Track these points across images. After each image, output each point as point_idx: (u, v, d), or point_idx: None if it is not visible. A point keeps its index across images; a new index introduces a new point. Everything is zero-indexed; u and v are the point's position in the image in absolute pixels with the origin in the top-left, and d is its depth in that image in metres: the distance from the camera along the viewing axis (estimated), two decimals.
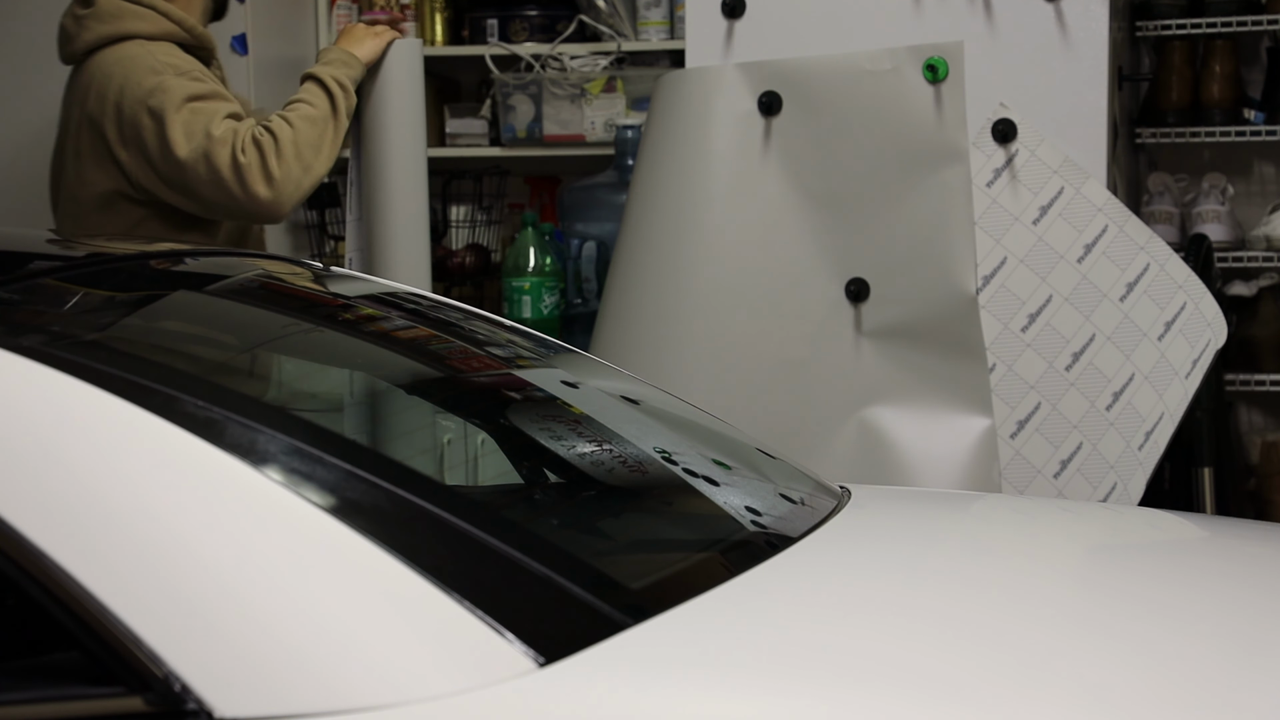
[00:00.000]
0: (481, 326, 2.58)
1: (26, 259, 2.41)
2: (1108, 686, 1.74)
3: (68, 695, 1.67)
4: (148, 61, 3.35)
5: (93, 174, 3.41)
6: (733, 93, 3.66)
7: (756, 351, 3.64)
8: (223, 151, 3.29)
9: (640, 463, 2.32)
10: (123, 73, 3.36)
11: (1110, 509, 3.12)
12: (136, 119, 3.33)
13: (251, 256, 2.88)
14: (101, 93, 3.38)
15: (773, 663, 1.75)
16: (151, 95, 3.32)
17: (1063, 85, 3.56)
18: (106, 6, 3.42)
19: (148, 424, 1.79)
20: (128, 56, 3.37)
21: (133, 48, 3.38)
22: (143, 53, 3.37)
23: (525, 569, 1.82)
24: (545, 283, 4.32)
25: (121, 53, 3.38)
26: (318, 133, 3.39)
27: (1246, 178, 4.62)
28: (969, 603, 1.99)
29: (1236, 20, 4.33)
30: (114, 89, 3.36)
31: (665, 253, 3.71)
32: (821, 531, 2.19)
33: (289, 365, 2.37)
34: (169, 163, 3.32)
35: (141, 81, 3.34)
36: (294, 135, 3.35)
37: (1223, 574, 2.23)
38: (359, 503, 1.84)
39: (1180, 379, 3.52)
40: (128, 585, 1.66)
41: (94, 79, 3.40)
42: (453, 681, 1.65)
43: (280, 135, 3.33)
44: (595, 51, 4.63)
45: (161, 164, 3.33)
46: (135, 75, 3.35)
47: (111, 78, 3.37)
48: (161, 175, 3.34)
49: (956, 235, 3.54)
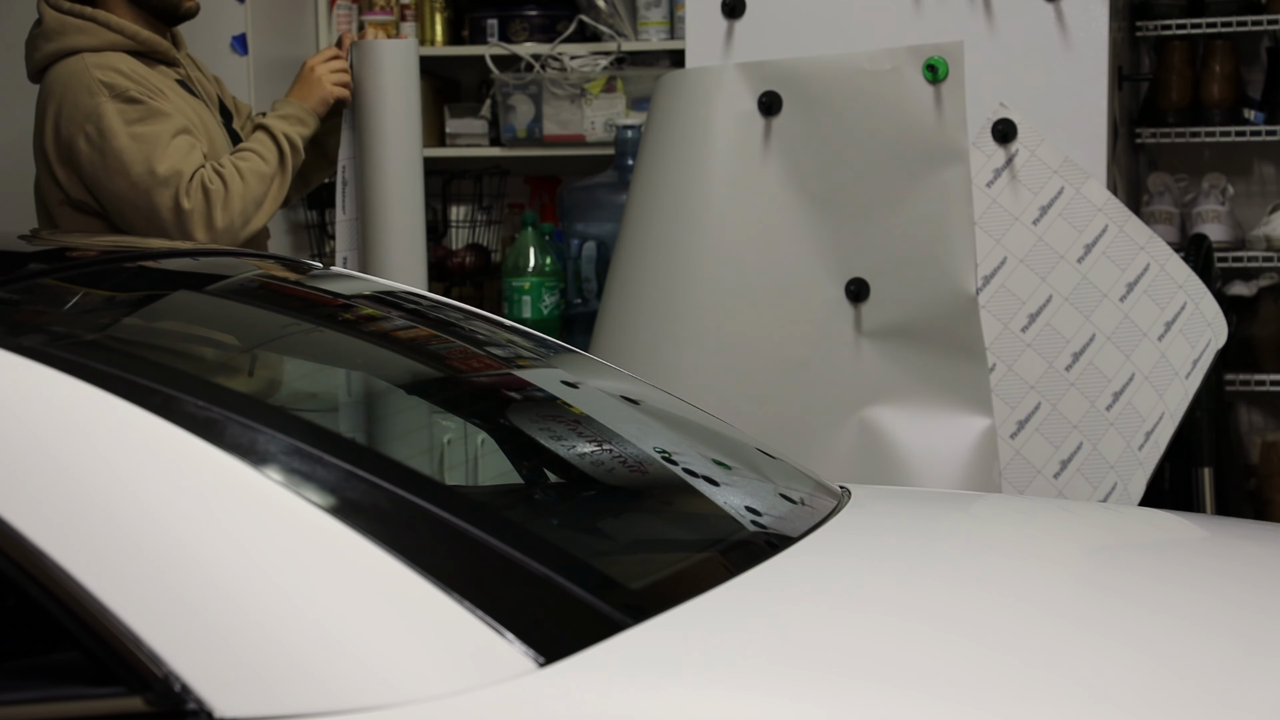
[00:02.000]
0: (481, 326, 2.58)
1: (26, 259, 2.41)
2: (1108, 687, 1.74)
3: (68, 695, 1.67)
4: (85, 81, 3.31)
5: (45, 185, 3.43)
6: (733, 93, 3.66)
7: (756, 351, 3.64)
8: (164, 193, 3.26)
9: (640, 463, 2.32)
10: (60, 92, 3.34)
11: (1110, 509, 3.12)
12: (73, 141, 3.31)
13: (251, 256, 2.88)
14: (43, 110, 3.38)
15: (773, 663, 1.75)
16: (88, 119, 3.30)
17: (1063, 85, 3.56)
18: (51, 23, 3.40)
19: (148, 424, 1.79)
20: (68, 74, 3.34)
21: (74, 64, 3.34)
22: (81, 70, 3.33)
23: (525, 569, 1.82)
24: (545, 283, 4.32)
25: (62, 70, 3.36)
26: (264, 189, 3.38)
27: (1246, 178, 4.62)
28: (969, 603, 1.99)
29: (1236, 20, 4.33)
30: (53, 108, 3.35)
31: (665, 253, 3.71)
32: (821, 531, 2.19)
33: (289, 365, 2.37)
34: (104, 191, 3.31)
35: (78, 103, 3.31)
36: (243, 189, 3.34)
37: (1223, 574, 2.23)
38: (359, 503, 1.84)
39: (1180, 379, 3.52)
40: (128, 585, 1.66)
41: (41, 97, 3.40)
42: (453, 681, 1.65)
43: (231, 187, 3.32)
44: (595, 51, 4.63)
45: (97, 189, 3.32)
46: (71, 95, 3.32)
47: (51, 96, 3.36)
48: (97, 198, 3.33)
49: (956, 235, 3.54)
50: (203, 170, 3.31)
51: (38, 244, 2.70)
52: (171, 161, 3.28)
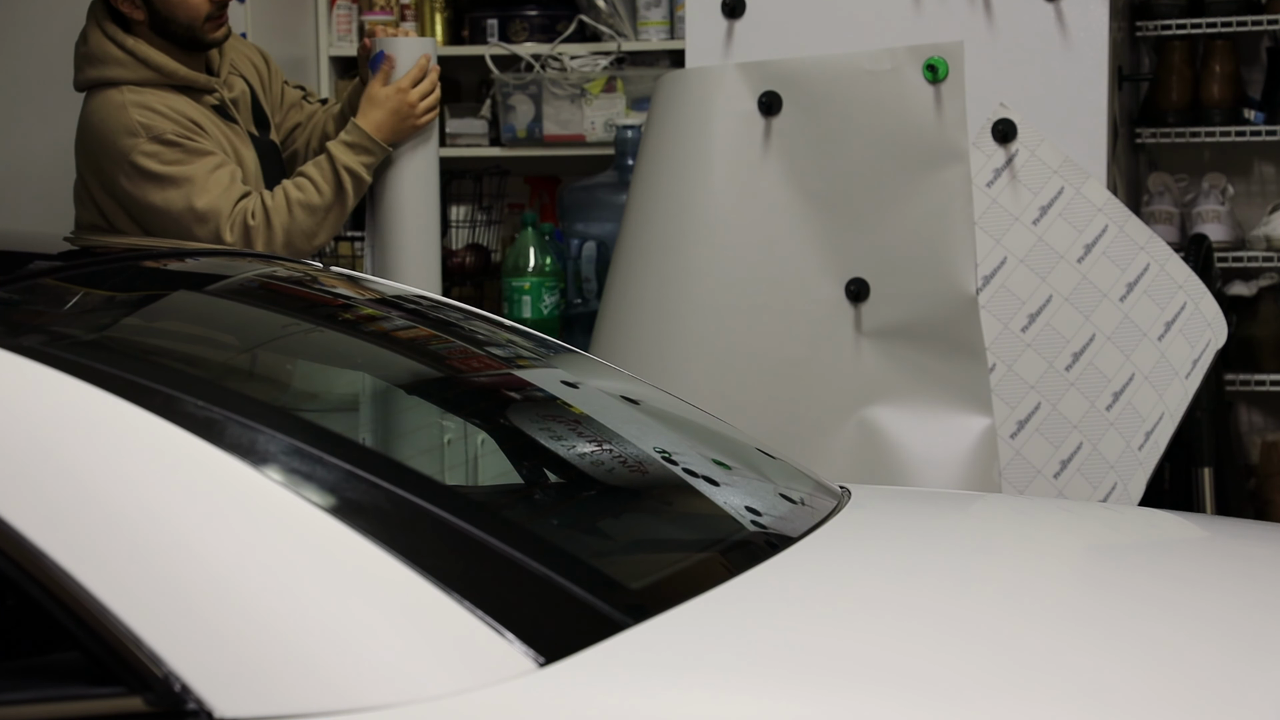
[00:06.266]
0: (481, 326, 2.58)
1: (26, 259, 2.41)
2: (1108, 687, 1.74)
3: (68, 695, 1.67)
4: (124, 121, 3.34)
5: (84, 207, 3.46)
6: (733, 93, 3.66)
7: (756, 351, 3.64)
8: (204, 229, 3.30)
9: (640, 463, 2.32)
10: (100, 128, 3.38)
11: (1110, 509, 3.12)
12: (114, 180, 3.35)
13: (251, 256, 2.88)
14: (83, 139, 3.42)
15: (772, 663, 1.75)
16: (127, 159, 3.33)
17: (1063, 85, 3.56)
18: (95, 49, 3.43)
19: (148, 424, 1.79)
20: (108, 110, 3.37)
21: (114, 99, 3.37)
22: (120, 108, 3.36)
23: (525, 569, 1.82)
24: (545, 283, 4.31)
25: (104, 103, 3.39)
26: (315, 221, 3.38)
27: (1246, 178, 4.62)
28: (969, 603, 1.99)
29: (1236, 20, 4.33)
30: (94, 142, 3.39)
31: (665, 253, 3.71)
32: (821, 531, 2.19)
33: (289, 365, 2.37)
34: (149, 227, 3.35)
35: (118, 143, 3.34)
36: (288, 221, 3.35)
37: (1222, 574, 2.23)
38: (359, 503, 1.84)
39: (1180, 379, 3.52)
40: (128, 585, 1.66)
41: (81, 122, 3.44)
42: (453, 681, 1.65)
43: (274, 221, 3.33)
44: (595, 51, 4.63)
45: (143, 222, 3.36)
46: (111, 134, 3.36)
47: (91, 129, 3.40)
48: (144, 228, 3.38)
49: (956, 235, 3.54)
50: (246, 201, 3.34)
51: (42, 244, 2.70)
52: (210, 198, 3.31)
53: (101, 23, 3.44)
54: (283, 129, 3.70)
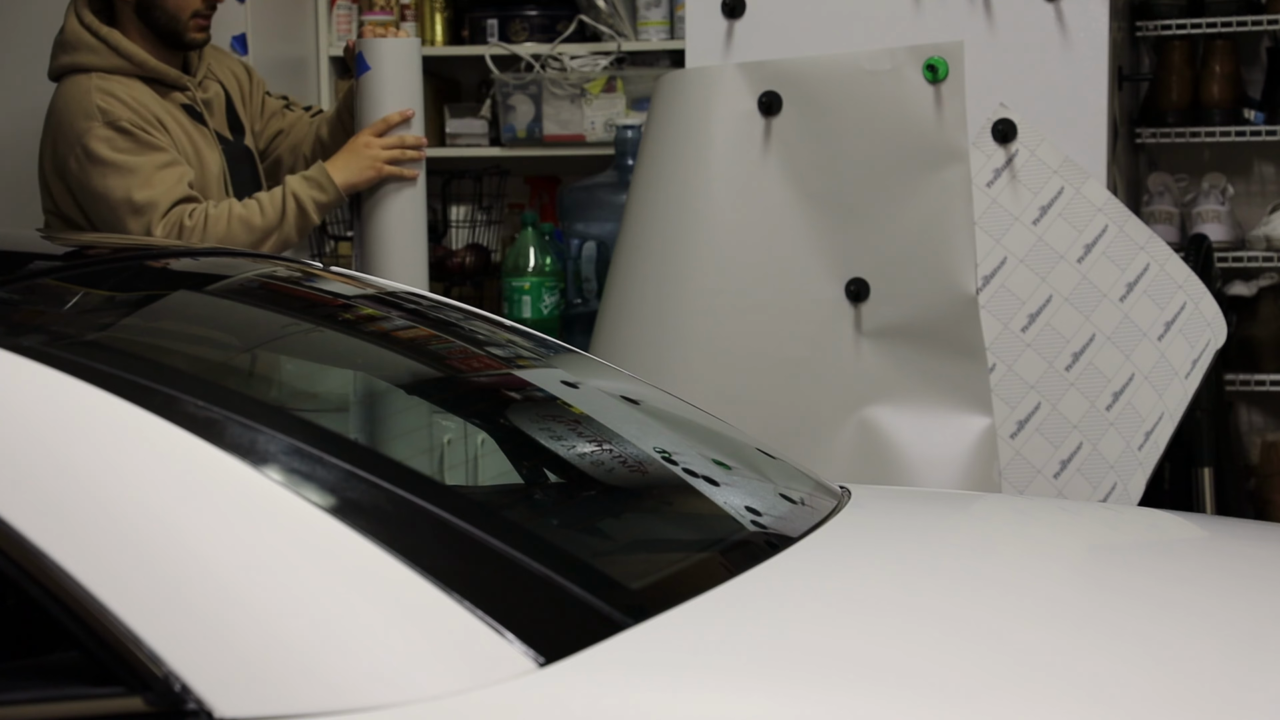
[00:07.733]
0: (481, 326, 2.58)
1: (26, 259, 2.41)
2: (1108, 687, 1.74)
3: (68, 695, 1.67)
4: (85, 104, 3.37)
5: (41, 192, 3.49)
6: (733, 93, 3.66)
7: (756, 351, 3.64)
8: (137, 222, 3.32)
9: (640, 463, 2.32)
10: (62, 109, 3.41)
11: (1110, 509, 3.12)
12: (65, 161, 3.38)
13: (251, 256, 2.88)
14: (48, 120, 3.45)
15: (772, 663, 1.75)
16: (79, 142, 3.35)
17: (1063, 85, 3.56)
18: (69, 35, 3.46)
19: (148, 424, 1.79)
20: (72, 93, 3.41)
21: (81, 83, 3.40)
22: (85, 92, 3.39)
23: (525, 569, 1.82)
24: (545, 283, 4.32)
25: (70, 87, 3.42)
26: (251, 239, 3.40)
27: (1246, 178, 4.62)
28: (969, 603, 1.99)
29: (1236, 20, 4.33)
30: (54, 123, 3.42)
31: (665, 253, 3.71)
32: (821, 531, 2.19)
33: (289, 365, 2.37)
34: (89, 212, 3.38)
35: (74, 124, 3.37)
36: (225, 233, 3.37)
37: (1222, 574, 2.23)
38: (359, 503, 1.84)
39: (1180, 379, 3.52)
40: (128, 585, 1.66)
41: (50, 105, 3.46)
42: (453, 681, 1.65)
43: (211, 230, 3.36)
44: (595, 51, 4.63)
45: (85, 208, 3.39)
46: (70, 115, 3.39)
47: (55, 111, 3.44)
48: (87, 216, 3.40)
49: (956, 235, 3.54)
50: (187, 205, 3.35)
51: (42, 243, 2.70)
52: (151, 192, 3.33)
53: (79, 10, 3.47)
54: (263, 137, 3.73)
